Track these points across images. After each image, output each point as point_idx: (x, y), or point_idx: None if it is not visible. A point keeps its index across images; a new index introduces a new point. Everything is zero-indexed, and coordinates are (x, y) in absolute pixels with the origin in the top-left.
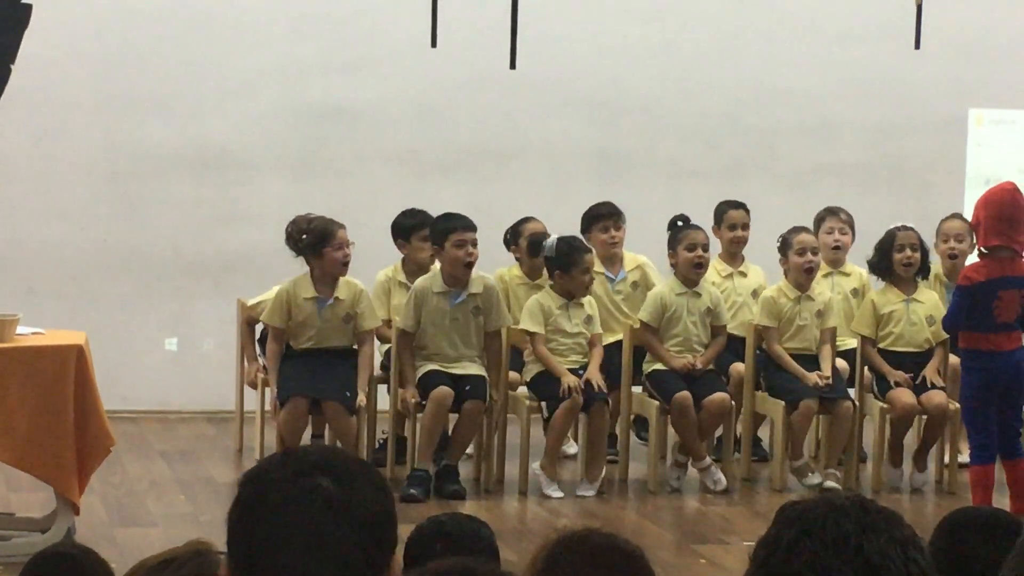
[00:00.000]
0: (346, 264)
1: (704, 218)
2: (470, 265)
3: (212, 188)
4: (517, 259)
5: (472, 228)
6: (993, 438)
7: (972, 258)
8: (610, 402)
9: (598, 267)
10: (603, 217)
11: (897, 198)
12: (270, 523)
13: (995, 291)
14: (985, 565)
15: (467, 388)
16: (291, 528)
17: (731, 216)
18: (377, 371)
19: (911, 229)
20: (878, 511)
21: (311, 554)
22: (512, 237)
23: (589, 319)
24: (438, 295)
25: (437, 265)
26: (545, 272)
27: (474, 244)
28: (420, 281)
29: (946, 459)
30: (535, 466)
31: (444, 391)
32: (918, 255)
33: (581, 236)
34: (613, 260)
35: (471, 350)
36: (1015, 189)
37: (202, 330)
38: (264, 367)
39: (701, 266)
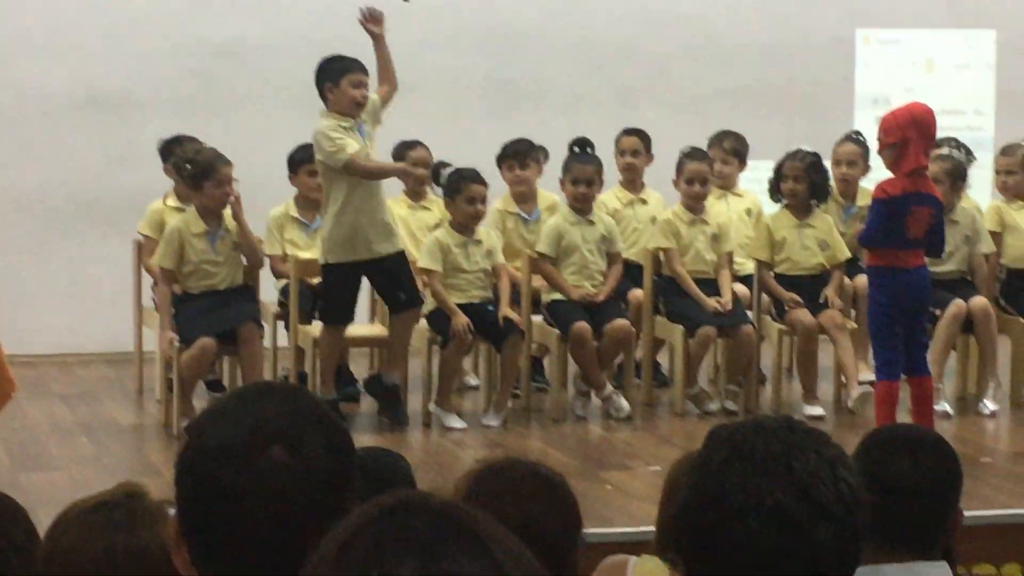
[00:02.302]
0: (225, 203)
1: (599, 146)
2: (361, 107)
3: (104, 129)
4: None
5: (366, 72)
6: (899, 355)
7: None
8: (525, 335)
9: (511, 207)
10: (507, 156)
11: (789, 120)
12: (223, 504)
13: (908, 206)
14: (910, 482)
15: (402, 298)
16: (247, 509)
17: (624, 143)
18: (275, 308)
19: (800, 159)
20: (805, 431)
21: (268, 528)
22: (395, 158)
23: (490, 253)
24: (347, 129)
25: (328, 116)
26: (430, 193)
27: (367, 88)
28: (324, 119)
29: (843, 378)
30: (431, 405)
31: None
32: (802, 186)
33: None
34: (525, 199)
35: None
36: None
37: (99, 272)
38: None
39: (587, 200)
